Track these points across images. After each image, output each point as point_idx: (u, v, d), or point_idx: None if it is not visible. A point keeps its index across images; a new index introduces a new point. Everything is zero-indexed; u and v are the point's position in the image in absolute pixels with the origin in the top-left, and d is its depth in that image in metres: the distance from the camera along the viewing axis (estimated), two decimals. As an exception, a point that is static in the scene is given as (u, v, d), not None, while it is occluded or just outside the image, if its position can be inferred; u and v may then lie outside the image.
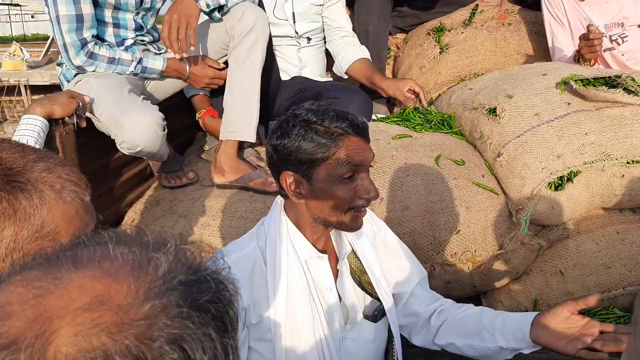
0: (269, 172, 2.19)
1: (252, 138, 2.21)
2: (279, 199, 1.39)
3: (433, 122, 2.29)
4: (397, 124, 2.28)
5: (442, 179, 1.94)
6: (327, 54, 2.86)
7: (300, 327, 1.29)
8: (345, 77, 2.77)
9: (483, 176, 1.98)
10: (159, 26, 2.32)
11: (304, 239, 1.32)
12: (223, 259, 0.56)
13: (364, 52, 2.71)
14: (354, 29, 2.79)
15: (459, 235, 1.88)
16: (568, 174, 1.83)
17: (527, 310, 1.93)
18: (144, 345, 0.42)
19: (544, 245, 1.91)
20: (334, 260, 1.39)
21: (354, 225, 1.31)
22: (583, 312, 1.90)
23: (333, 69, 2.80)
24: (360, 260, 1.40)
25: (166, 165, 2.29)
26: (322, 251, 1.35)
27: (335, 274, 1.38)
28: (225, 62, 2.26)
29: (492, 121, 2.04)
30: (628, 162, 1.83)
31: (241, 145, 2.27)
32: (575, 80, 1.96)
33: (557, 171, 1.83)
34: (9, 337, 0.41)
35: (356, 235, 1.41)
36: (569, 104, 1.94)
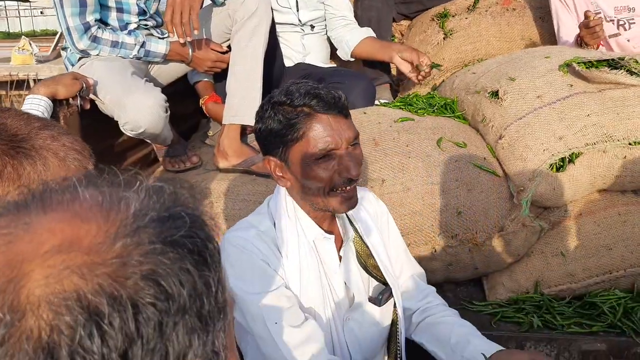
0: None
1: (253, 122, 2.22)
2: None
3: (436, 107, 2.30)
4: (400, 108, 2.29)
5: (444, 161, 1.94)
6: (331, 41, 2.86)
7: (312, 306, 1.30)
8: (352, 59, 2.76)
9: (485, 158, 1.98)
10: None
11: (309, 219, 1.31)
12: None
13: (368, 32, 2.69)
14: (357, 15, 2.79)
15: (460, 217, 1.89)
16: (570, 155, 1.83)
17: (528, 293, 1.94)
18: (117, 283, 0.41)
19: (545, 227, 1.91)
20: (339, 243, 1.38)
21: (342, 207, 1.27)
22: (583, 295, 1.92)
23: (337, 53, 2.79)
24: (366, 244, 1.39)
25: (170, 149, 2.31)
26: (328, 232, 1.35)
27: (340, 256, 1.38)
28: (229, 46, 2.27)
29: (494, 104, 2.04)
30: (630, 144, 1.83)
31: (244, 130, 2.28)
32: (578, 63, 1.96)
33: (558, 152, 1.83)
34: None
35: (361, 219, 1.41)
36: (571, 85, 1.94)
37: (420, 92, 2.60)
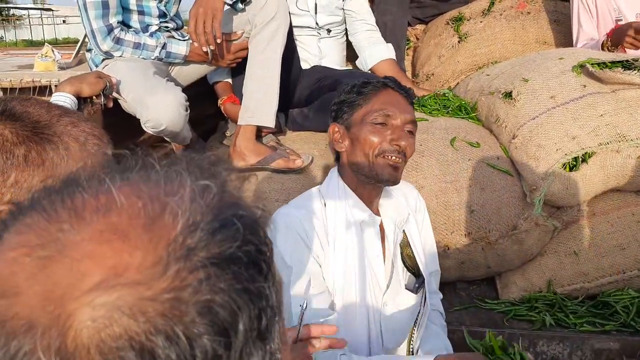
0: (289, 151, 2.25)
1: (271, 123, 2.26)
2: (336, 167, 1.46)
3: (450, 108, 2.32)
4: (414, 109, 2.31)
5: (457, 160, 1.97)
6: (348, 45, 2.90)
7: (353, 288, 1.33)
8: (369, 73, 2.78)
9: (498, 158, 2.00)
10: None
11: (359, 201, 1.37)
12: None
13: (390, 52, 2.71)
14: (373, 19, 2.83)
15: (473, 215, 1.91)
16: (583, 155, 1.85)
17: (540, 292, 1.95)
18: (172, 322, 0.37)
19: (558, 226, 1.92)
20: (382, 229, 1.43)
21: (385, 172, 1.33)
22: (596, 294, 1.93)
23: (357, 62, 2.82)
24: (405, 234, 1.45)
25: (189, 149, 2.36)
26: (375, 213, 1.40)
27: (383, 241, 1.41)
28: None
29: (507, 104, 2.06)
30: (643, 143, 1.83)
31: (259, 132, 2.32)
32: (591, 64, 1.97)
33: (571, 152, 1.84)
34: (22, 319, 0.36)
35: (404, 210, 1.45)
36: (584, 86, 1.95)
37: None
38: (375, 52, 2.71)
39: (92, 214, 0.40)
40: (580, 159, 1.85)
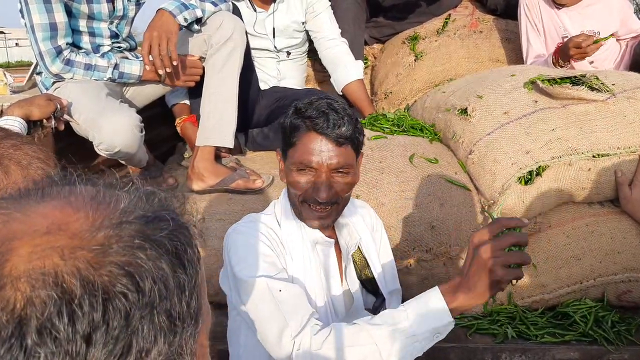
0: (249, 171, 2.23)
1: (229, 143, 2.24)
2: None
3: (403, 126, 2.34)
4: (368, 128, 2.33)
5: (416, 177, 1.98)
6: (308, 65, 2.91)
7: (314, 307, 1.30)
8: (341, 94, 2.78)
9: (456, 173, 2.03)
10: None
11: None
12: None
13: (356, 71, 2.70)
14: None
15: (433, 231, 1.92)
16: (537, 168, 1.88)
17: (502, 305, 1.97)
18: (93, 269, 0.44)
19: (516, 239, 1.95)
20: (339, 251, 1.42)
21: (310, 221, 1.32)
22: (555, 305, 1.96)
23: (331, 80, 2.81)
24: (363, 255, 1.43)
25: (146, 172, 2.31)
26: (328, 237, 1.38)
27: (340, 263, 1.41)
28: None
29: (463, 121, 2.10)
30: (594, 156, 1.89)
31: (218, 153, 2.29)
32: (542, 80, 2.03)
33: (526, 166, 1.88)
34: None
35: (362, 232, 1.44)
36: (536, 102, 2.01)
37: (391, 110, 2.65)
38: (341, 76, 2.71)
39: (56, 194, 0.50)
40: (535, 173, 1.88)
